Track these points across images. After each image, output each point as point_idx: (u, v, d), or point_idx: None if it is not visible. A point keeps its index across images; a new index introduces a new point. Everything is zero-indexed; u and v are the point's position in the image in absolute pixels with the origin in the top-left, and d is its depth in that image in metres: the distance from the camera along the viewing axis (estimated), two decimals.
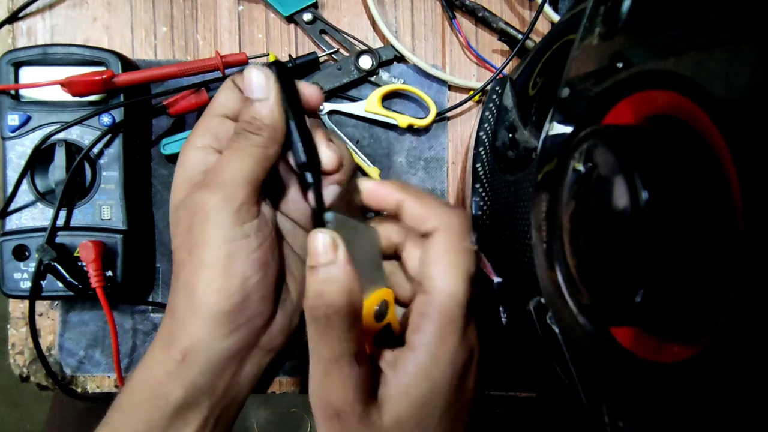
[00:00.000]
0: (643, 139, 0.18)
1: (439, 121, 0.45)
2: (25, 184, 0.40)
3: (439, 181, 0.45)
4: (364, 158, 0.44)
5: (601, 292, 0.19)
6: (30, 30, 0.44)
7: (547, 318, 0.25)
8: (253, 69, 0.28)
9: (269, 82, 0.28)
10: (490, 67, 0.45)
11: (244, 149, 0.27)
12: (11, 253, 0.39)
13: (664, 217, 0.16)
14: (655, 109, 0.19)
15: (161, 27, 0.44)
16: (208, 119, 0.29)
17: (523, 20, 0.45)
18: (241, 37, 0.45)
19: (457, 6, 0.45)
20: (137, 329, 0.45)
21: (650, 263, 0.16)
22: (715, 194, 0.16)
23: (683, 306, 0.17)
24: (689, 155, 0.17)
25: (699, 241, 0.16)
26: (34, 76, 0.40)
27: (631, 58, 0.20)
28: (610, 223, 0.18)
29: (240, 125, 0.28)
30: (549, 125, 0.25)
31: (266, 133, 0.27)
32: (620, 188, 0.17)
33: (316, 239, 0.24)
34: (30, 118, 0.40)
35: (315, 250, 0.24)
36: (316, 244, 0.24)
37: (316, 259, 0.24)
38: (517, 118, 0.33)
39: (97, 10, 0.44)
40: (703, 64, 0.17)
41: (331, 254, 0.24)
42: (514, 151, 0.32)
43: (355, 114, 0.44)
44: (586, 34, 0.23)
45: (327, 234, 0.24)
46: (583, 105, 0.23)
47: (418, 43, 0.45)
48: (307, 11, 0.44)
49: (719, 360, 0.16)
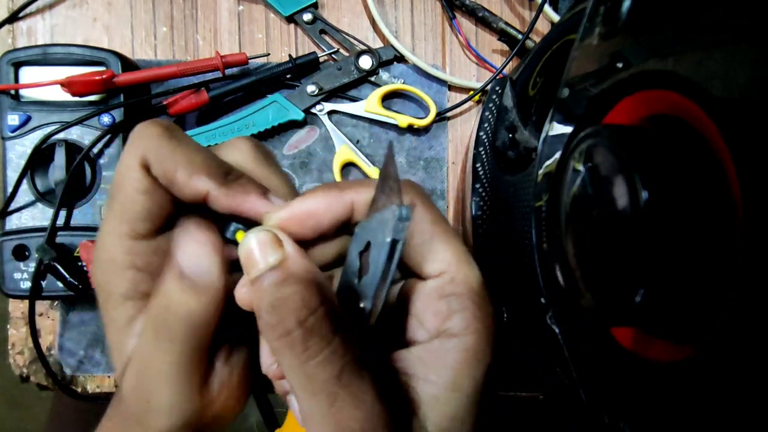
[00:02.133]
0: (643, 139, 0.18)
1: (439, 121, 0.45)
2: (25, 184, 0.40)
3: (439, 181, 0.45)
4: (364, 158, 0.44)
5: (601, 292, 0.19)
6: (30, 30, 0.44)
7: (547, 318, 0.25)
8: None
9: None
10: (490, 67, 0.45)
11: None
12: (11, 253, 0.39)
13: (664, 217, 0.16)
14: (655, 109, 0.19)
15: (161, 27, 0.44)
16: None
17: (523, 20, 0.45)
18: (241, 37, 0.45)
19: (457, 6, 0.45)
20: None
21: (650, 263, 0.16)
22: (715, 194, 0.16)
23: (683, 306, 0.17)
24: (689, 155, 0.17)
25: (699, 241, 0.16)
26: (34, 76, 0.40)
27: (631, 58, 0.20)
28: (610, 223, 0.18)
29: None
30: (549, 125, 0.25)
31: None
32: (620, 188, 0.17)
33: (248, 242, 0.20)
34: (30, 118, 0.40)
35: (251, 255, 0.20)
36: (250, 247, 0.20)
37: (256, 267, 0.19)
38: (517, 118, 0.33)
39: (97, 10, 0.44)
40: (703, 64, 0.17)
41: (275, 252, 0.19)
42: (514, 151, 0.32)
43: (355, 114, 0.44)
44: (586, 34, 0.23)
45: (262, 232, 0.20)
46: (583, 105, 0.23)
47: (418, 43, 0.45)
48: (307, 11, 0.44)
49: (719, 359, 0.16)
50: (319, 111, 0.44)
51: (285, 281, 0.19)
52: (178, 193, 0.22)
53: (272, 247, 0.19)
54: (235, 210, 0.22)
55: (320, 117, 0.44)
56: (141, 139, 0.21)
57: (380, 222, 0.19)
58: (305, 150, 0.45)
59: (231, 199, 0.21)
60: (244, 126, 0.43)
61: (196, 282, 0.21)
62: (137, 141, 0.21)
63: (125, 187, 0.21)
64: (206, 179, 0.21)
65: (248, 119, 0.43)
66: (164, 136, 0.21)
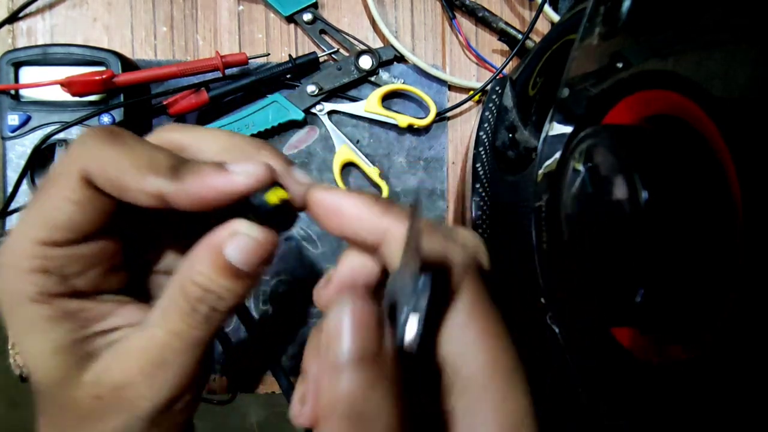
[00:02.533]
0: (643, 139, 0.18)
1: (439, 121, 0.45)
2: (25, 185, 0.40)
3: (439, 181, 0.45)
4: (364, 158, 0.44)
5: (601, 292, 0.19)
6: (30, 30, 0.44)
7: (547, 318, 0.25)
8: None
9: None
10: (490, 67, 0.45)
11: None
12: None
13: (664, 217, 0.16)
14: (655, 109, 0.19)
15: (161, 27, 0.44)
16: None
17: (523, 20, 0.45)
18: (241, 37, 0.45)
19: (457, 6, 0.45)
20: None
21: (650, 263, 0.16)
22: (715, 194, 0.16)
23: (683, 306, 0.17)
24: (689, 155, 0.17)
25: (699, 241, 0.16)
26: (34, 76, 0.40)
27: (631, 58, 0.20)
28: (610, 222, 0.18)
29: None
30: (549, 125, 0.25)
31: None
32: (620, 188, 0.17)
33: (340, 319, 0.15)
34: (30, 118, 0.40)
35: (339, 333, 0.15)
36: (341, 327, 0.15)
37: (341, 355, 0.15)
38: (517, 118, 0.33)
39: (97, 10, 0.44)
40: (703, 64, 0.17)
41: (372, 343, 0.15)
42: (514, 151, 0.32)
43: (355, 114, 0.44)
44: (586, 34, 0.23)
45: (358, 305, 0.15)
46: (583, 105, 0.23)
47: (418, 43, 0.45)
48: (307, 11, 0.44)
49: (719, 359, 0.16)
50: (319, 111, 0.44)
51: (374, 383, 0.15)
52: (134, 201, 0.20)
53: (373, 332, 0.15)
54: (200, 201, 0.19)
55: (320, 117, 0.44)
56: (82, 149, 0.20)
57: (401, 287, 0.17)
58: (305, 150, 0.45)
59: (189, 190, 0.19)
60: (244, 126, 0.43)
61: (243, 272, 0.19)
62: (78, 150, 0.20)
63: (53, 196, 0.20)
64: (154, 178, 0.19)
65: (248, 119, 0.43)
66: (107, 143, 0.20)
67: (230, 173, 0.20)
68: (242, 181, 0.19)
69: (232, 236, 0.19)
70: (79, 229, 0.20)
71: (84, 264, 0.21)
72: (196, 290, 0.19)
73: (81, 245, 0.21)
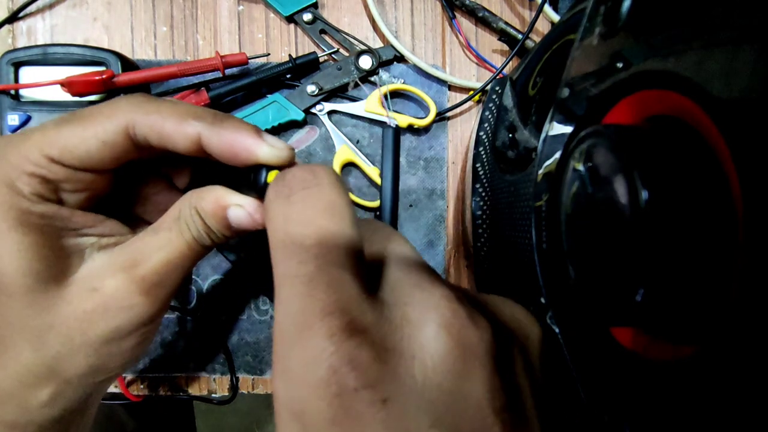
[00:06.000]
0: (643, 139, 0.18)
1: (439, 121, 0.45)
2: None
3: (439, 181, 0.45)
4: (364, 158, 0.44)
5: (601, 292, 0.19)
6: (30, 30, 0.44)
7: (547, 318, 0.25)
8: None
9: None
10: (490, 67, 0.45)
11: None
12: None
13: (664, 217, 0.16)
14: (655, 109, 0.19)
15: (161, 27, 0.44)
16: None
17: (523, 20, 0.45)
18: (241, 37, 0.45)
19: (457, 6, 0.45)
20: None
21: (650, 263, 0.16)
22: (715, 194, 0.16)
23: (683, 305, 0.17)
24: (689, 155, 0.17)
25: (699, 241, 0.16)
26: (34, 76, 0.40)
27: (631, 58, 0.20)
28: (610, 222, 0.18)
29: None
30: (549, 125, 0.25)
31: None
32: (620, 188, 0.17)
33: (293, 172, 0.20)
34: (30, 118, 0.40)
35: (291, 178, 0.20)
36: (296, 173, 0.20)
37: (288, 188, 0.19)
38: (517, 118, 0.33)
39: (97, 10, 0.44)
40: (703, 64, 0.17)
41: (309, 175, 0.20)
42: (514, 151, 0.32)
43: (355, 114, 0.44)
44: (586, 34, 0.23)
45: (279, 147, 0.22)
46: (583, 105, 0.23)
47: (418, 43, 0.45)
48: (307, 11, 0.44)
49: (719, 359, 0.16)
50: (319, 111, 0.44)
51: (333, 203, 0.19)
52: (172, 146, 0.23)
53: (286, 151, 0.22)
54: (229, 149, 0.22)
55: (320, 117, 0.44)
56: (129, 102, 0.23)
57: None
58: (305, 150, 0.45)
59: (224, 137, 0.22)
60: None
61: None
62: (125, 102, 0.23)
63: (86, 128, 0.23)
64: (195, 122, 0.22)
65: (248, 119, 0.43)
66: (151, 100, 0.23)
67: (265, 142, 0.23)
68: (271, 153, 0.22)
69: (236, 207, 0.23)
70: (90, 164, 0.23)
71: (77, 185, 0.24)
72: (199, 221, 0.24)
73: (82, 172, 0.23)
